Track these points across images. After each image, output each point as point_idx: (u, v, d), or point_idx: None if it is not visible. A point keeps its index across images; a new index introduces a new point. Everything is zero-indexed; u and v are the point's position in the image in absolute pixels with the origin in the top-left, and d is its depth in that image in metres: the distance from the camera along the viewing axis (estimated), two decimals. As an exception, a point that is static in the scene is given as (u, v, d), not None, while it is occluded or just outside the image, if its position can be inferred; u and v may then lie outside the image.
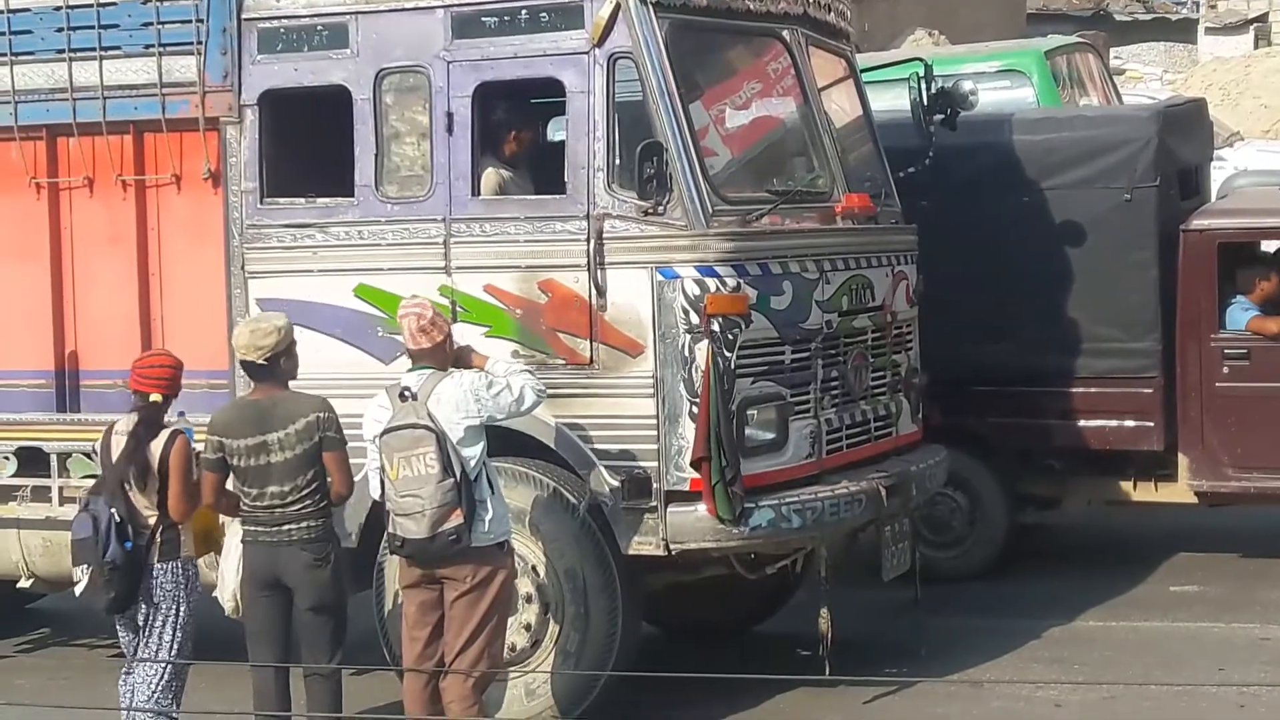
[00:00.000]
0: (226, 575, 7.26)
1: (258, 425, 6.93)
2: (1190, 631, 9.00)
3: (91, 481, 7.56)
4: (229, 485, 7.06)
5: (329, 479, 6.96)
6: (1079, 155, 9.88)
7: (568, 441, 7.47)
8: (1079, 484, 10.24)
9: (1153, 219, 9.77)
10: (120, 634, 7.19)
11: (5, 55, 8.43)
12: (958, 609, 9.32)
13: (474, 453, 6.71)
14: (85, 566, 6.97)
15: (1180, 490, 9.87)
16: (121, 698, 7.14)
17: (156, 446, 7.02)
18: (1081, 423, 9.92)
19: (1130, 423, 9.86)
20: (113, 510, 6.95)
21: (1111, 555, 10.70)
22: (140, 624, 7.04)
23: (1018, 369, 9.93)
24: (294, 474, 6.90)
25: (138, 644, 7.07)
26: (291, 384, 7.09)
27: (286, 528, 6.93)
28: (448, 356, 6.92)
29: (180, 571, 7.05)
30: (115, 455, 7.06)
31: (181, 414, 7.42)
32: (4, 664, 9.55)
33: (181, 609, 7.03)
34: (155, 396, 7.08)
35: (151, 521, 7.00)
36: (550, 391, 7.21)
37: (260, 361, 6.99)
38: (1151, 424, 9.80)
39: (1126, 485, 10.06)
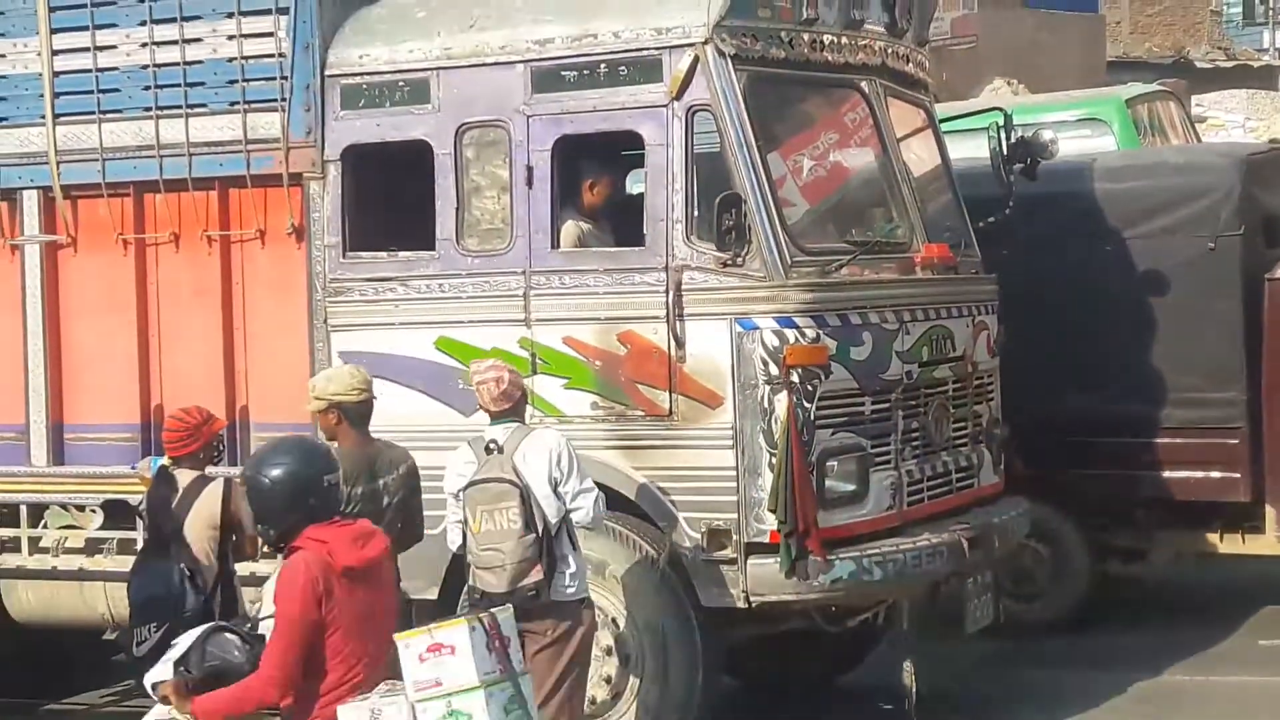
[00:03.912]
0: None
1: (371, 471, 6.92)
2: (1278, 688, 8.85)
3: None
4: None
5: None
6: (1162, 203, 9.81)
7: (648, 494, 7.46)
8: (1165, 537, 10.10)
9: (1237, 268, 9.67)
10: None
11: (94, 114, 8.57)
12: (1042, 662, 9.21)
13: (556, 508, 6.72)
14: (153, 626, 6.86)
15: (1269, 543, 9.72)
16: None
17: (210, 497, 7.03)
18: (1166, 474, 9.79)
19: (1216, 474, 9.73)
20: (181, 565, 6.93)
21: (1197, 608, 10.55)
22: None
23: (1101, 419, 9.83)
24: (393, 520, 6.84)
25: None
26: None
27: None
28: (525, 408, 6.99)
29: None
30: (173, 507, 7.06)
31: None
32: (90, 714, 9.61)
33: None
34: (164, 460, 7.17)
35: (210, 577, 6.98)
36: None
37: (361, 399, 6.99)
38: (1238, 475, 9.66)
39: (1213, 538, 9.93)
